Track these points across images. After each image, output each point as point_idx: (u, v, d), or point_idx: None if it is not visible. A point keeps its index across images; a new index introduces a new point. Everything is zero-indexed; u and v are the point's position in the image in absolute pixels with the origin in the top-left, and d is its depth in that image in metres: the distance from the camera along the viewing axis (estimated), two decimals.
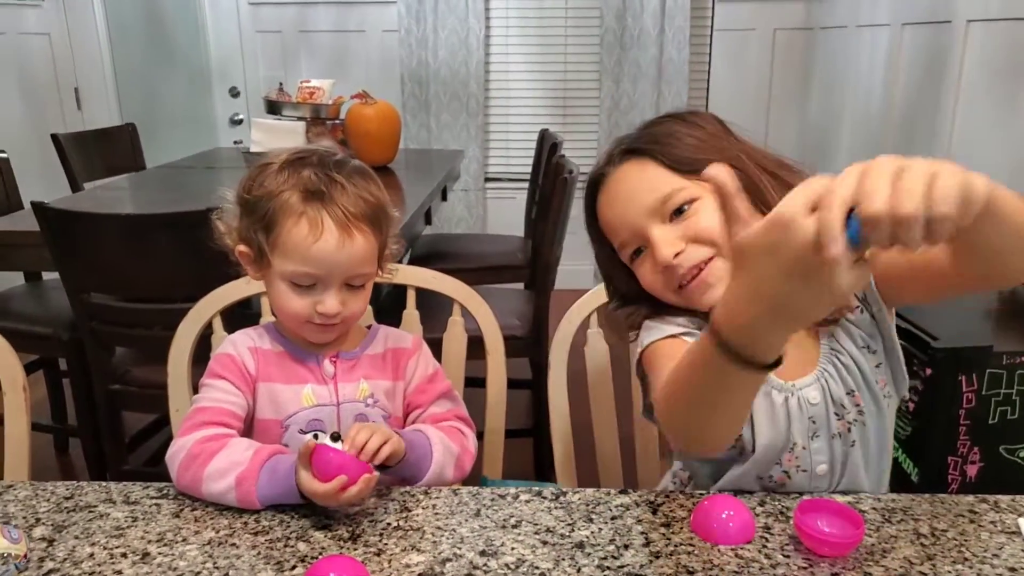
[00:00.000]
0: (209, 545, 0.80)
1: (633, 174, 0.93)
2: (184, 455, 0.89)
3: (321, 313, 0.95)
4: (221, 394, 0.97)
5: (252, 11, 4.03)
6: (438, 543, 0.80)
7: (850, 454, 0.95)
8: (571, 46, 3.99)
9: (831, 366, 0.94)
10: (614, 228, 0.95)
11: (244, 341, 1.02)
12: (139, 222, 1.77)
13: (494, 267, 2.69)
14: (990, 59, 2.25)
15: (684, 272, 0.89)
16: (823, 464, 0.95)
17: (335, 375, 1.01)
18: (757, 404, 0.93)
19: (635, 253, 0.94)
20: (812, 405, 0.93)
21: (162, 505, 0.87)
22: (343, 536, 0.81)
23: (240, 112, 4.17)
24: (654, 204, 0.90)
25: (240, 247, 1.00)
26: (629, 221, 0.92)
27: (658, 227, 0.90)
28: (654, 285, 0.93)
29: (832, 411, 0.94)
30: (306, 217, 0.93)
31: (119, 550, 0.79)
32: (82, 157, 2.89)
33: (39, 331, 2.11)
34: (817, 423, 0.94)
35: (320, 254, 0.93)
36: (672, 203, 0.90)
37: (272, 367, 1.01)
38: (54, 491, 0.90)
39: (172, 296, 1.78)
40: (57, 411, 2.54)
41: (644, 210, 0.91)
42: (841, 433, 0.95)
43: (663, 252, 0.89)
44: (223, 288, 1.18)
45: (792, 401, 0.93)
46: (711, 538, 0.81)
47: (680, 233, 0.90)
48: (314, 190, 0.93)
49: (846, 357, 0.94)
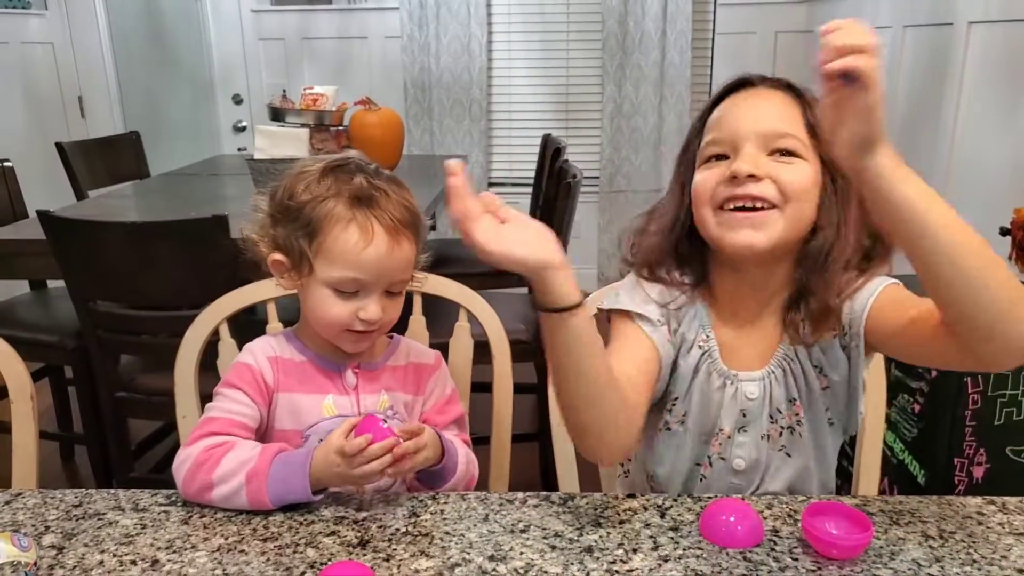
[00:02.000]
0: (218, 552, 0.80)
1: (777, 99, 0.92)
2: (190, 463, 0.89)
3: (363, 320, 0.95)
4: (233, 404, 0.96)
5: (255, 18, 4.05)
6: (447, 548, 0.80)
7: (773, 459, 0.97)
8: (573, 50, 3.99)
9: (780, 370, 0.96)
10: (724, 123, 0.92)
11: (264, 350, 1.01)
12: (144, 230, 1.78)
13: (498, 272, 2.68)
14: (992, 61, 2.25)
15: (742, 194, 0.87)
16: (741, 459, 0.97)
17: (357, 385, 1.01)
18: (697, 381, 0.97)
19: (715, 158, 0.92)
20: (748, 399, 0.96)
21: (171, 512, 0.88)
22: (352, 542, 0.81)
23: (243, 119, 4.18)
24: (771, 131, 0.89)
25: (275, 255, 0.98)
26: (740, 127, 0.90)
27: (753, 148, 0.89)
28: (704, 189, 0.91)
29: (767, 412, 0.96)
30: (356, 223, 0.93)
31: (128, 557, 0.79)
32: (86, 165, 2.90)
33: (44, 339, 2.11)
34: (748, 417, 0.96)
35: (369, 260, 0.93)
36: (784, 143, 0.89)
37: (292, 377, 1.00)
38: (63, 499, 0.90)
39: (178, 303, 1.79)
40: (63, 419, 2.54)
41: (759, 129, 0.89)
42: (771, 436, 0.97)
43: (745, 164, 0.87)
44: (229, 295, 1.18)
45: (729, 388, 0.96)
46: (719, 541, 0.81)
47: (769, 167, 0.88)
48: (363, 196, 0.94)
49: (797, 367, 0.96)
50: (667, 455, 1.01)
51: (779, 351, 0.96)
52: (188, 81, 4.10)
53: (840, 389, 0.97)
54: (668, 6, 3.75)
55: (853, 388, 0.96)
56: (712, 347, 0.97)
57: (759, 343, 0.97)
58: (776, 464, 0.98)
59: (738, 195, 0.88)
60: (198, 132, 4.14)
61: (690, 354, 0.98)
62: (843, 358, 0.95)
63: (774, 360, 0.96)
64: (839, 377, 0.96)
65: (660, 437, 1.01)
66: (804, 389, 0.96)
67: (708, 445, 0.98)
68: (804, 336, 0.93)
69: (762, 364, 0.96)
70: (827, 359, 0.95)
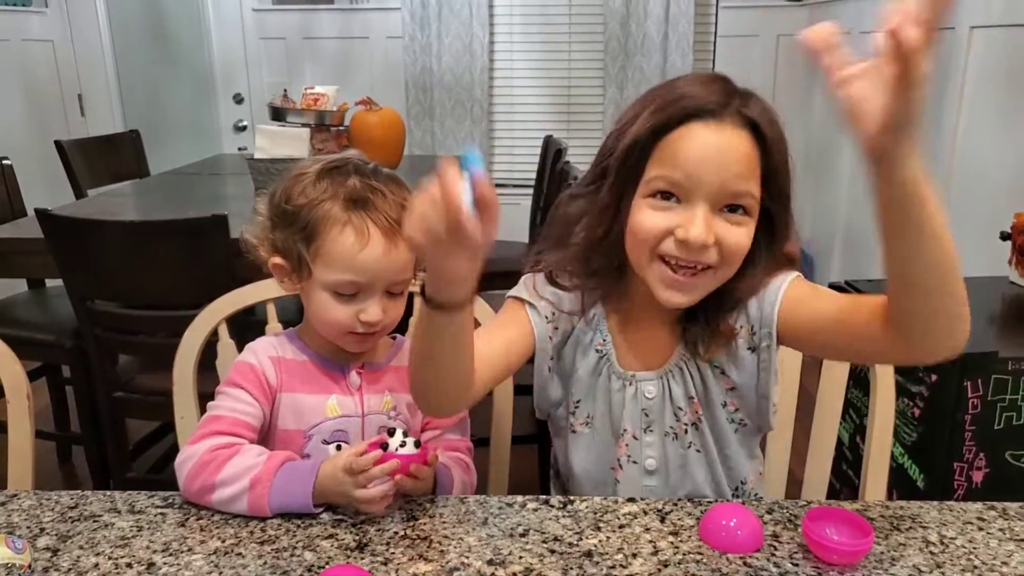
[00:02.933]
0: (215, 555, 0.79)
1: (744, 146, 0.85)
2: (194, 463, 0.89)
3: (364, 322, 0.95)
4: (237, 403, 0.96)
5: (256, 18, 4.04)
6: (445, 552, 0.80)
7: (688, 457, 0.98)
8: (575, 52, 3.99)
9: (677, 368, 0.97)
10: (683, 163, 0.84)
11: (266, 350, 1.01)
12: (143, 229, 1.77)
13: (498, 273, 2.67)
14: (993, 65, 2.25)
15: (688, 260, 0.86)
16: (652, 459, 0.98)
17: (361, 386, 1.01)
18: (598, 387, 0.98)
19: (661, 195, 0.86)
20: (648, 399, 0.97)
21: (167, 514, 0.87)
22: (350, 545, 0.81)
23: (244, 119, 4.18)
24: (731, 188, 0.84)
25: (275, 259, 0.98)
26: (702, 176, 0.84)
27: (706, 207, 0.84)
28: (649, 236, 0.86)
29: (670, 410, 0.97)
30: (351, 225, 0.92)
31: (124, 560, 0.78)
32: (86, 164, 2.90)
33: (42, 338, 2.10)
34: (651, 416, 0.97)
35: (366, 262, 0.93)
36: (738, 199, 0.85)
37: (295, 377, 1.00)
38: (58, 500, 0.90)
39: (176, 303, 1.78)
40: (60, 418, 2.54)
41: (718, 180, 0.84)
42: (677, 433, 0.98)
43: (699, 233, 0.83)
44: (228, 295, 1.18)
45: (629, 390, 0.97)
46: (719, 546, 0.80)
47: (717, 228, 0.85)
48: (357, 198, 0.93)
49: (693, 366, 0.97)
50: (579, 457, 1.01)
51: (678, 350, 0.97)
52: (189, 80, 4.10)
53: (748, 389, 0.97)
54: (670, 9, 3.75)
55: (763, 385, 0.96)
56: (609, 350, 0.98)
57: (657, 344, 0.98)
58: (691, 462, 0.99)
59: (683, 261, 0.86)
60: (199, 131, 4.14)
61: (587, 357, 0.98)
62: (749, 358, 0.95)
63: (671, 360, 0.97)
64: (744, 378, 0.96)
65: (570, 440, 1.02)
66: (701, 388, 0.97)
67: (617, 447, 0.99)
68: (700, 353, 0.95)
69: (660, 363, 0.97)
70: (727, 360, 0.96)
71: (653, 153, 0.86)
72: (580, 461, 1.01)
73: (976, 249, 2.24)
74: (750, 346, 0.95)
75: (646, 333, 0.98)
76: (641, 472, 0.99)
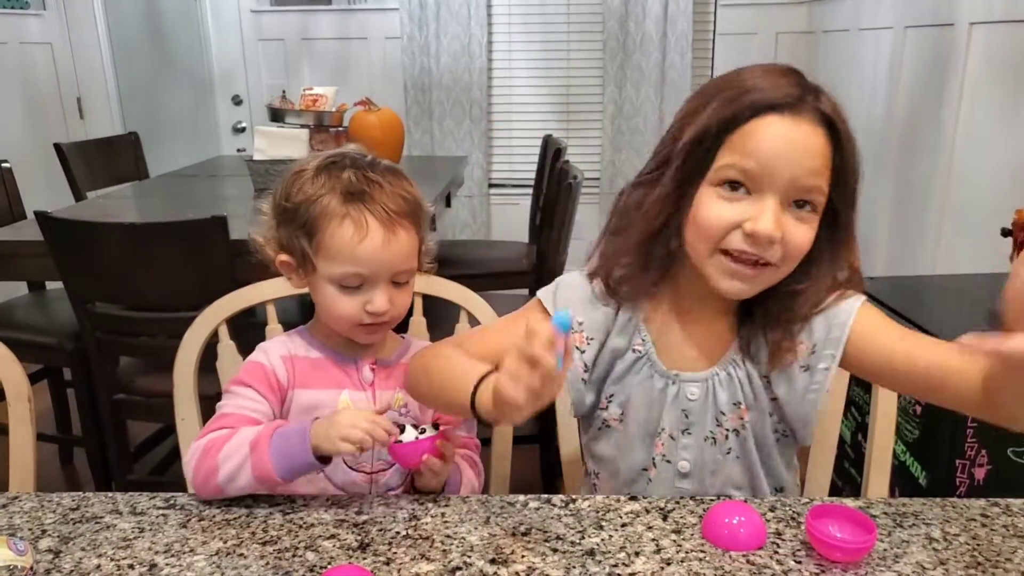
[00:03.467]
0: (217, 555, 0.79)
1: (818, 140, 0.84)
2: (199, 452, 0.90)
3: (371, 312, 0.95)
4: (245, 401, 0.97)
5: (254, 19, 4.04)
6: (448, 552, 0.80)
7: (724, 463, 0.96)
8: (574, 51, 3.99)
9: (725, 373, 0.94)
10: (758, 153, 0.82)
11: (277, 350, 1.01)
12: (143, 231, 1.77)
13: (499, 273, 2.68)
14: (993, 61, 2.25)
15: (755, 254, 0.83)
16: (686, 462, 0.96)
17: (373, 382, 1.01)
18: (636, 384, 0.96)
19: (731, 185, 0.84)
20: (690, 400, 0.95)
21: (169, 515, 0.87)
22: (352, 545, 0.81)
23: (243, 120, 4.17)
24: (804, 183, 0.83)
25: (281, 257, 0.99)
26: (777, 168, 0.82)
27: (777, 201, 0.83)
28: (716, 227, 0.85)
29: (712, 414, 0.95)
30: (349, 218, 0.93)
31: (126, 561, 0.78)
32: (85, 166, 2.90)
33: (43, 341, 2.11)
34: (690, 418, 0.95)
35: (366, 253, 0.93)
36: (808, 195, 0.84)
37: (308, 374, 1.00)
38: (60, 502, 0.89)
39: (176, 305, 1.78)
40: (62, 421, 2.53)
41: (790, 174, 0.82)
42: (717, 439, 0.95)
43: (768, 226, 0.82)
44: (228, 297, 1.18)
45: (671, 389, 0.95)
46: (722, 544, 0.80)
47: (785, 226, 0.83)
48: (354, 191, 0.94)
49: (742, 373, 0.94)
50: (609, 454, 1.00)
51: (728, 354, 0.94)
52: (187, 82, 4.09)
53: (792, 406, 0.94)
54: (669, 7, 3.74)
55: (810, 404, 0.93)
56: (649, 349, 0.95)
57: (706, 344, 0.95)
58: (724, 467, 0.97)
59: (747, 255, 0.84)
60: (197, 133, 4.14)
61: (624, 358, 0.96)
62: (801, 376, 0.93)
63: (720, 363, 0.94)
64: (791, 395, 0.94)
65: (601, 436, 1.01)
66: (750, 394, 0.94)
67: (653, 446, 0.97)
68: (760, 365, 0.93)
69: (707, 365, 0.95)
70: (779, 373, 0.93)
71: (725, 142, 0.84)
72: (609, 456, 1.00)
73: (977, 245, 2.24)
74: (804, 365, 0.92)
75: (694, 332, 0.95)
76: (674, 473, 0.97)
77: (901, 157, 2.71)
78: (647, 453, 0.98)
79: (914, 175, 2.62)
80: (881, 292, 1.77)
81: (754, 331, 0.92)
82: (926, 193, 2.53)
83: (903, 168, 2.70)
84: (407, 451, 0.90)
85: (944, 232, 2.43)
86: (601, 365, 0.97)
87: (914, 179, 2.62)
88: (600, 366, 0.97)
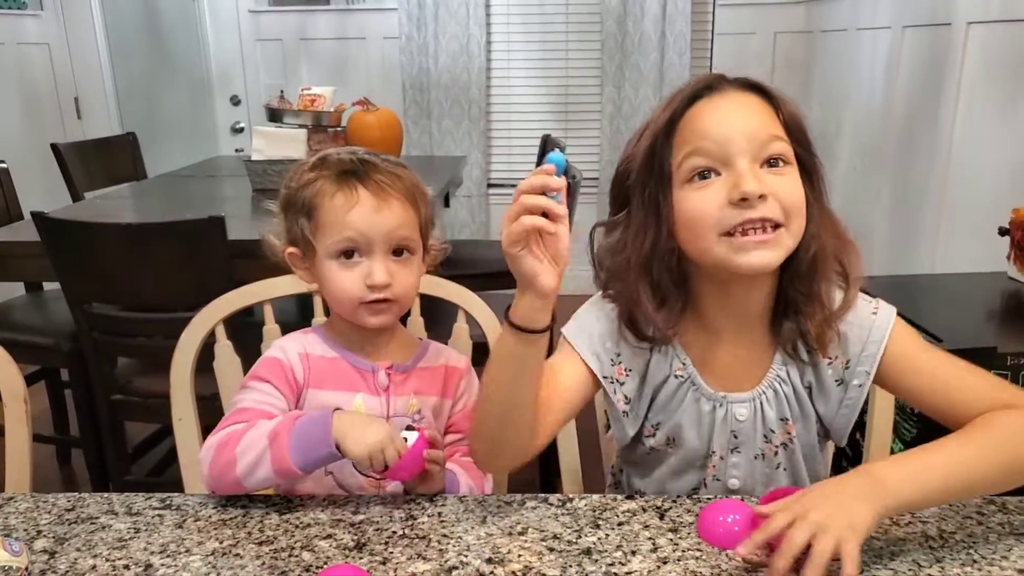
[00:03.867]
0: (213, 556, 0.79)
1: (751, 102, 0.85)
2: (215, 446, 0.89)
3: (371, 286, 0.95)
4: (263, 396, 0.96)
5: (252, 19, 4.04)
6: (444, 551, 0.80)
7: (774, 477, 0.95)
8: (572, 51, 3.99)
9: (771, 390, 0.93)
10: (708, 132, 0.83)
11: (295, 347, 1.01)
12: (140, 231, 1.77)
13: (497, 273, 2.68)
14: (991, 61, 2.25)
15: (756, 217, 0.81)
16: (735, 479, 0.95)
17: (388, 387, 1.01)
18: (683, 410, 0.94)
19: (700, 176, 0.84)
20: (739, 421, 0.93)
21: (165, 516, 0.87)
22: (348, 545, 0.81)
23: (241, 120, 4.17)
24: (763, 135, 0.83)
25: (289, 249, 1.00)
26: (731, 135, 0.82)
27: (748, 162, 0.82)
28: (705, 216, 0.83)
29: (761, 432, 0.94)
30: (341, 192, 0.95)
31: (121, 562, 0.78)
32: (82, 167, 2.89)
33: (40, 342, 2.10)
34: (740, 438, 0.94)
35: (355, 218, 0.94)
36: (774, 150, 0.83)
37: (323, 374, 1.00)
38: (55, 503, 0.89)
39: (174, 305, 1.78)
40: (59, 422, 2.53)
41: (746, 135, 0.82)
42: (766, 455, 0.94)
43: (753, 183, 0.80)
44: (225, 297, 1.18)
45: (719, 411, 0.93)
46: (718, 543, 0.80)
47: (768, 182, 0.82)
48: (347, 169, 0.96)
49: (788, 388, 0.93)
50: (658, 478, 0.99)
51: (771, 372, 0.93)
52: (185, 82, 4.09)
53: (828, 420, 0.94)
54: (667, 7, 3.74)
55: (843, 418, 0.94)
56: (692, 373, 0.93)
57: (747, 361, 0.93)
58: (774, 479, 0.96)
59: (752, 219, 0.81)
60: (195, 133, 4.13)
61: (666, 385, 0.94)
62: (835, 391, 0.92)
63: (765, 381, 0.93)
64: (827, 410, 0.93)
65: (649, 462, 0.99)
66: (796, 409, 0.93)
67: (704, 469, 0.96)
68: (800, 354, 0.91)
69: (752, 384, 0.93)
70: (817, 386, 0.93)
71: (673, 144, 0.85)
72: (658, 479, 0.99)
73: (974, 244, 2.23)
74: (838, 378, 0.92)
75: (733, 349, 0.93)
76: (723, 490, 0.96)
77: (899, 156, 2.71)
78: (699, 475, 0.96)
79: (912, 174, 2.62)
80: (879, 291, 1.76)
81: (791, 327, 0.90)
82: (924, 192, 2.52)
83: (901, 167, 2.70)
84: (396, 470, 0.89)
85: (942, 231, 2.43)
86: (644, 395, 0.95)
87: (912, 178, 2.62)
88: (643, 397, 0.95)
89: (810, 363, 0.92)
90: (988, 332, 1.68)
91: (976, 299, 1.84)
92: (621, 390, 0.94)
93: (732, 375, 0.93)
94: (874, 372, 0.90)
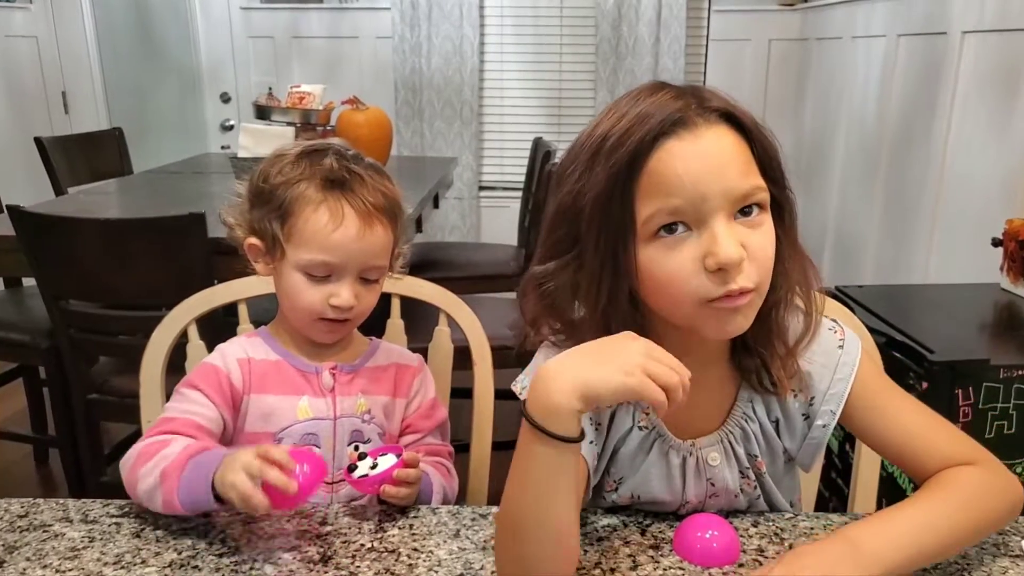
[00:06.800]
0: (170, 568, 0.75)
1: (725, 143, 0.74)
2: (133, 458, 0.86)
3: (334, 307, 0.93)
4: (191, 405, 0.93)
5: (244, 16, 4.00)
6: (414, 566, 0.76)
7: (755, 504, 0.90)
8: (566, 54, 3.96)
9: (739, 429, 0.86)
10: (675, 185, 0.72)
11: (235, 352, 0.98)
12: (118, 227, 1.73)
13: (486, 276, 2.66)
14: (985, 70, 2.23)
15: (736, 289, 0.72)
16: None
17: (334, 388, 0.98)
18: (650, 465, 0.85)
19: (667, 229, 0.73)
20: (712, 466, 0.86)
21: (122, 524, 0.83)
22: (313, 558, 0.77)
23: (231, 118, 4.13)
24: (737, 192, 0.72)
25: (250, 240, 0.97)
26: (700, 193, 0.71)
27: (724, 220, 0.72)
28: (681, 282, 0.73)
29: (736, 471, 0.87)
30: (326, 205, 0.91)
31: (72, 573, 0.74)
32: (67, 161, 2.85)
33: (17, 338, 2.06)
34: (717, 485, 0.87)
35: (340, 243, 0.91)
36: (751, 199, 0.73)
37: (265, 378, 0.97)
38: (8, 508, 0.85)
39: (153, 303, 1.74)
40: (37, 421, 2.49)
41: (723, 191, 0.72)
42: (745, 490, 0.88)
43: (731, 250, 0.71)
44: (199, 295, 1.14)
45: (690, 462, 0.85)
46: (694, 559, 0.77)
47: (741, 238, 0.73)
48: (334, 179, 0.92)
49: (755, 425, 0.86)
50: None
51: (737, 408, 0.86)
52: (175, 78, 4.05)
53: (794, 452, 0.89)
54: (662, 12, 3.72)
55: (807, 456, 0.90)
56: (657, 423, 0.85)
57: (710, 402, 0.86)
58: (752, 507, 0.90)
59: (732, 292, 0.72)
60: (185, 129, 4.09)
61: (629, 438, 0.85)
62: (801, 426, 0.87)
63: (731, 419, 0.86)
64: (793, 444, 0.88)
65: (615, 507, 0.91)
66: (764, 445, 0.88)
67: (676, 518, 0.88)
68: (765, 383, 0.85)
69: (718, 422, 0.86)
70: (785, 422, 0.87)
71: (636, 193, 0.73)
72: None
73: (967, 255, 2.22)
74: (804, 413, 0.87)
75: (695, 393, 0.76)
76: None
77: (892, 165, 2.70)
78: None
79: (905, 183, 2.60)
80: (871, 301, 1.74)
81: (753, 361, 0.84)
82: (917, 201, 2.51)
83: (894, 176, 2.68)
84: (362, 484, 0.87)
85: (935, 241, 2.42)
86: (606, 449, 0.86)
87: (905, 187, 2.60)
88: (605, 450, 0.86)
89: (775, 393, 0.86)
90: (981, 344, 1.66)
91: (969, 310, 1.82)
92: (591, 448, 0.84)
93: (697, 415, 0.85)
94: (839, 412, 0.85)
